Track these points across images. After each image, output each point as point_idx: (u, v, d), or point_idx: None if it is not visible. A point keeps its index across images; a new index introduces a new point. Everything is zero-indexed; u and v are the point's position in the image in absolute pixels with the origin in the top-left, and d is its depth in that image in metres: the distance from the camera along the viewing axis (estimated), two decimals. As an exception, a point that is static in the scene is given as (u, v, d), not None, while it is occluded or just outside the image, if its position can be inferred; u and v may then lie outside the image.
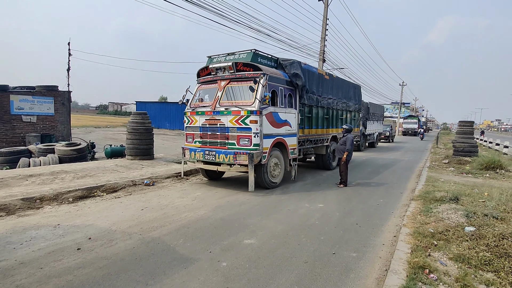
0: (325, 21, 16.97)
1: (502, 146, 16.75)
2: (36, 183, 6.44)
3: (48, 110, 13.98)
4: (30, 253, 3.56)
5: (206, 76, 7.69)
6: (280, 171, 7.58)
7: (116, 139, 17.87)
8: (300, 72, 7.89)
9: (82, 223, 4.62)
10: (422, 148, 20.92)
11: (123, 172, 8.06)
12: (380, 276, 3.26)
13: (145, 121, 10.18)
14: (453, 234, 4.03)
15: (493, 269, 3.15)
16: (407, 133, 39.88)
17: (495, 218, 4.37)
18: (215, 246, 3.90)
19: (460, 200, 5.50)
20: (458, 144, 13.04)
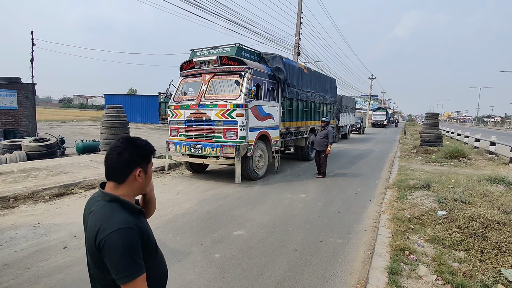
0: (299, 15, 17.16)
1: (463, 136, 17.96)
2: (7, 182, 6.09)
3: (11, 104, 13.08)
4: (13, 254, 3.42)
5: (190, 70, 7.61)
6: (264, 163, 7.74)
7: (86, 134, 17.12)
8: (282, 66, 8.02)
9: (63, 221, 4.47)
10: (391, 139, 21.95)
11: (99, 168, 7.79)
12: (365, 260, 3.49)
13: (121, 115, 9.85)
14: (428, 218, 4.35)
15: (464, 248, 3.46)
16: (376, 124, 41.58)
17: (464, 202, 4.76)
18: (205, 238, 3.95)
19: (431, 187, 5.91)
20: (425, 134, 13.84)
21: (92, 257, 1.18)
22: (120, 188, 1.23)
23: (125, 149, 1.23)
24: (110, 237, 1.09)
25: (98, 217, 1.16)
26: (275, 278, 3.04)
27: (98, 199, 1.24)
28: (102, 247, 1.10)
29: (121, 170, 1.22)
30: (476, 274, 2.88)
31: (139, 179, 1.25)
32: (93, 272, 1.23)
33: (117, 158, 1.21)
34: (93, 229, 1.13)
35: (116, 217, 1.15)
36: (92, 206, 1.23)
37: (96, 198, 1.27)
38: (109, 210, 1.17)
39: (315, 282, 3.00)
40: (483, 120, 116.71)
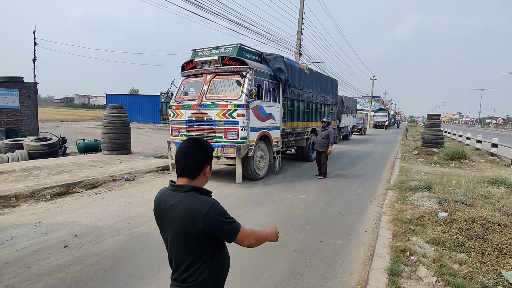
0: (301, 15, 17.16)
1: (465, 137, 17.92)
2: (9, 180, 6.11)
3: (13, 103, 13.12)
4: (14, 253, 3.43)
5: (191, 70, 7.63)
6: (265, 164, 7.75)
7: (87, 134, 17.15)
8: (283, 66, 8.03)
9: (64, 220, 4.48)
10: (392, 140, 21.92)
11: (101, 167, 7.82)
12: (365, 261, 3.48)
13: (122, 115, 9.88)
14: (428, 220, 4.35)
15: (465, 250, 3.46)
16: (377, 125, 41.53)
17: (465, 204, 4.75)
18: (206, 238, 3.95)
19: (432, 188, 5.90)
20: (426, 136, 13.81)
21: (184, 238, 1.35)
22: (193, 183, 1.43)
23: (198, 150, 1.44)
24: (210, 210, 1.31)
25: (188, 204, 1.35)
26: (275, 279, 3.04)
27: (173, 194, 1.41)
28: (207, 225, 1.30)
29: (196, 168, 1.43)
30: (476, 276, 2.87)
31: (207, 175, 1.49)
32: (182, 252, 1.38)
33: (192, 158, 1.42)
34: (190, 214, 1.32)
35: (203, 199, 1.37)
36: (170, 200, 1.40)
37: (169, 193, 1.43)
38: (193, 197, 1.37)
39: (315, 283, 3.00)
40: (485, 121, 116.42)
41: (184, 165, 1.43)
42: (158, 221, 1.48)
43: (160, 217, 1.46)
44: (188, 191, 1.39)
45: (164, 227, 1.45)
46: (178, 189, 1.41)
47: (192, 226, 1.32)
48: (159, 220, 1.47)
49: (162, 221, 1.46)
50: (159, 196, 1.48)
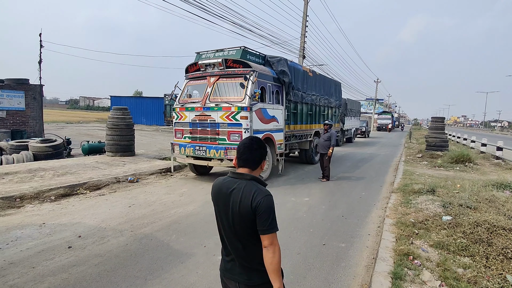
0: (305, 18, 17.20)
1: (470, 141, 17.79)
2: (14, 181, 6.17)
3: (19, 105, 13.27)
4: (18, 253, 3.46)
5: (195, 72, 7.66)
6: (268, 166, 7.74)
7: (91, 135, 17.26)
8: (287, 69, 8.05)
9: (68, 221, 4.52)
10: (396, 143, 21.82)
11: (105, 169, 7.87)
12: (368, 264, 3.47)
13: (126, 117, 9.95)
14: (432, 223, 4.32)
15: (469, 254, 3.43)
16: (381, 128, 41.35)
17: (469, 207, 4.72)
18: (208, 240, 3.96)
19: (436, 192, 5.86)
20: (430, 139, 13.73)
21: (242, 219, 1.58)
22: (252, 173, 1.69)
23: (259, 147, 1.72)
24: (265, 199, 1.55)
25: (248, 190, 1.58)
26: (277, 281, 3.04)
27: (235, 180, 1.65)
28: (257, 207, 1.53)
29: (257, 161, 1.70)
30: (481, 281, 2.85)
31: (262, 168, 1.77)
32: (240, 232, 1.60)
33: (254, 153, 1.69)
34: (248, 199, 1.56)
35: (261, 188, 1.61)
36: (232, 185, 1.64)
37: (231, 180, 1.67)
38: (253, 185, 1.61)
39: (318, 285, 2.99)
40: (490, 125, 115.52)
41: (247, 158, 1.69)
42: (217, 204, 1.71)
43: (220, 200, 1.67)
44: (250, 180, 1.64)
45: (222, 208, 1.67)
46: (240, 177, 1.66)
47: (247, 208, 1.56)
48: (218, 203, 1.69)
49: (221, 204, 1.67)
50: (220, 182, 1.72)
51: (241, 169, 1.71)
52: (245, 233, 1.61)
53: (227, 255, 1.73)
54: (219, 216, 1.70)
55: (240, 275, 1.66)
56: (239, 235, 1.62)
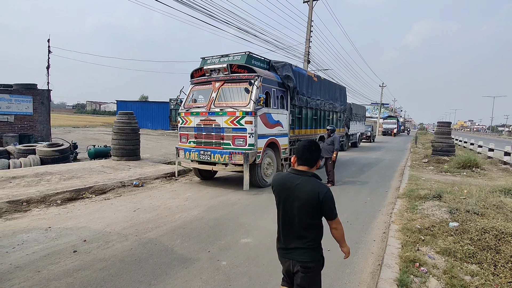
0: (309, 23, 17.25)
1: (477, 145, 17.60)
2: (21, 185, 6.24)
3: (27, 110, 13.45)
4: (24, 257, 3.48)
5: (200, 77, 7.73)
6: (273, 171, 7.75)
7: (97, 139, 17.43)
8: (291, 74, 8.08)
9: (74, 226, 4.55)
10: (402, 148, 21.66)
11: (110, 173, 7.92)
12: (374, 271, 3.43)
13: (132, 121, 10.02)
14: (439, 230, 4.27)
15: (477, 261, 3.38)
16: (386, 133, 41.11)
17: (476, 213, 4.65)
18: (213, 245, 3.96)
19: (442, 197, 5.79)
20: (436, 144, 13.61)
21: (306, 208, 1.95)
22: (311, 170, 2.05)
23: (317, 150, 2.09)
24: (328, 194, 1.94)
25: (313, 185, 1.96)
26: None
27: (297, 176, 2.02)
28: (324, 199, 1.91)
29: (314, 161, 2.07)
30: (489, 288, 2.80)
31: (318, 166, 2.15)
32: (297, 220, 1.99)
33: (313, 154, 2.06)
34: (313, 191, 1.93)
35: (323, 184, 2.00)
36: (296, 180, 2.00)
37: (293, 176, 2.04)
38: (315, 181, 2.00)
39: (323, 292, 2.96)
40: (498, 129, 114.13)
41: (307, 158, 2.05)
42: (281, 195, 2.08)
43: (285, 192, 2.04)
44: (311, 176, 2.02)
45: (286, 199, 2.04)
46: (302, 173, 2.03)
47: (314, 199, 1.92)
48: (282, 194, 2.06)
49: (285, 195, 2.04)
50: (282, 177, 2.10)
51: (301, 166, 2.07)
52: (306, 219, 1.99)
53: (284, 237, 2.10)
54: (282, 205, 2.08)
55: (294, 254, 2.04)
56: (300, 221, 1.99)
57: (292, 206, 2.00)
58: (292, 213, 2.01)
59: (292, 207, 2.00)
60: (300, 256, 2.02)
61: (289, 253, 2.07)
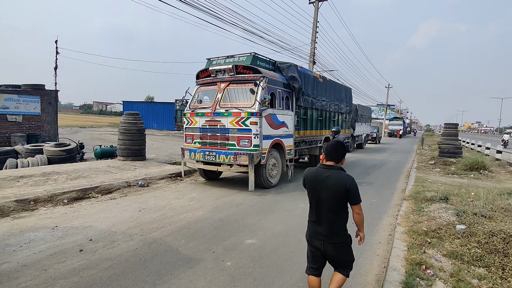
0: (315, 24, 17.22)
1: (484, 147, 17.38)
2: (29, 185, 6.31)
3: (35, 110, 13.63)
4: (31, 255, 3.52)
5: (205, 78, 7.75)
6: (278, 172, 7.74)
7: (104, 140, 17.58)
8: (297, 75, 8.07)
9: (80, 225, 4.59)
10: (408, 149, 21.48)
11: (116, 173, 7.98)
12: (379, 273, 3.40)
13: (138, 122, 10.09)
14: (446, 232, 4.22)
15: (484, 264, 3.33)
16: (392, 134, 40.81)
17: (484, 216, 4.60)
18: (217, 246, 3.96)
19: (449, 200, 5.73)
20: (443, 145, 13.48)
21: (335, 196, 2.34)
22: (337, 165, 2.45)
23: (342, 148, 2.50)
24: (352, 183, 2.33)
25: (341, 176, 2.35)
26: (286, 289, 3.01)
27: (326, 170, 2.42)
28: (349, 188, 2.31)
29: (340, 158, 2.47)
30: (496, 292, 2.76)
31: (343, 162, 2.51)
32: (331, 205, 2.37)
33: (339, 151, 2.46)
34: (341, 182, 2.32)
35: (348, 175, 2.39)
36: (325, 173, 2.40)
37: (322, 170, 2.44)
38: (341, 173, 2.39)
39: (327, 294, 2.94)
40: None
41: (333, 155, 2.46)
42: (312, 186, 2.47)
43: (316, 183, 2.44)
44: (338, 169, 2.42)
45: (318, 189, 2.43)
46: (330, 167, 2.43)
47: (342, 188, 2.32)
48: (314, 184, 2.45)
49: (316, 186, 2.43)
50: (313, 171, 2.49)
51: (329, 162, 2.47)
52: (335, 206, 2.37)
53: (316, 222, 2.48)
54: (314, 194, 2.46)
55: (325, 236, 2.42)
56: (330, 208, 2.38)
57: (323, 195, 2.39)
58: (322, 201, 2.40)
59: (323, 195, 2.40)
60: (330, 237, 2.41)
61: (321, 235, 2.45)
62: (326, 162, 2.47)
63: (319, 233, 2.45)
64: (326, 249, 2.44)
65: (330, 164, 2.45)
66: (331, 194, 2.35)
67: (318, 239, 2.46)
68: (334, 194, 2.34)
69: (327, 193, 2.36)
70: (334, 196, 2.34)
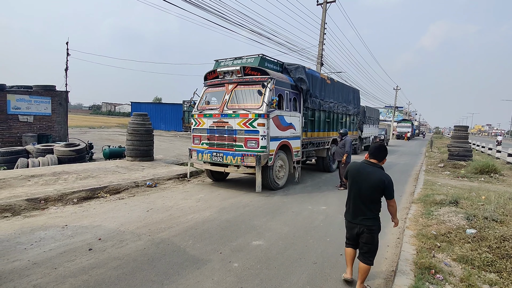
0: (323, 25, 17.17)
1: (495, 150, 17.09)
2: (39, 184, 6.42)
3: (45, 110, 13.85)
4: (41, 254, 3.58)
5: (213, 79, 7.79)
6: (285, 173, 7.72)
7: (112, 140, 17.78)
8: (304, 76, 8.05)
9: (89, 224, 4.64)
10: (416, 152, 21.23)
11: (124, 173, 8.06)
12: (388, 277, 3.37)
13: (146, 122, 10.19)
14: (455, 236, 4.15)
15: (495, 269, 3.27)
16: (400, 136, 40.38)
17: (495, 220, 4.51)
18: (224, 247, 3.97)
19: (459, 203, 5.64)
20: (453, 148, 13.29)
21: (373, 189, 2.85)
22: (379, 163, 2.96)
23: (385, 150, 3.00)
24: (390, 181, 2.85)
25: (380, 174, 2.86)
26: (293, 291, 3.00)
27: (369, 167, 2.93)
28: (387, 185, 2.82)
29: (382, 157, 2.97)
30: (508, 298, 2.71)
31: (384, 162, 3.00)
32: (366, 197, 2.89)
33: (382, 153, 2.97)
34: (381, 179, 2.83)
35: (387, 174, 2.88)
36: (368, 169, 2.92)
37: (366, 166, 2.96)
38: (382, 171, 2.89)
39: (335, 297, 2.93)
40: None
41: (377, 155, 2.98)
42: (354, 177, 3.00)
43: (358, 175, 2.96)
44: (379, 168, 2.94)
45: (359, 181, 2.94)
46: (373, 165, 2.95)
47: (379, 184, 2.84)
48: (356, 177, 2.97)
49: (358, 178, 2.96)
50: (357, 166, 3.02)
51: (372, 160, 2.97)
52: (372, 197, 2.89)
53: (354, 209, 3.00)
54: (355, 186, 2.97)
55: (362, 221, 2.95)
56: (368, 198, 2.89)
57: (363, 187, 2.89)
58: (362, 192, 2.90)
59: (363, 188, 2.89)
60: (367, 222, 2.92)
61: (358, 220, 2.95)
62: (370, 160, 2.98)
63: (355, 218, 2.99)
64: (361, 232, 2.95)
65: (373, 162, 2.95)
66: (370, 187, 2.85)
67: (355, 224, 2.99)
68: (372, 187, 2.84)
69: (367, 186, 2.86)
70: (372, 189, 2.85)
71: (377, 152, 2.95)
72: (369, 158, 2.98)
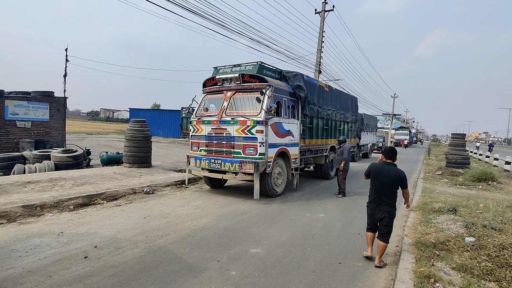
0: (321, 34, 17.33)
1: (493, 158, 17.14)
2: (35, 190, 6.36)
3: (43, 116, 13.82)
4: (36, 261, 3.52)
5: (212, 86, 7.81)
6: (283, 180, 7.70)
7: (110, 146, 17.72)
8: (303, 84, 8.10)
9: (85, 231, 4.59)
10: (414, 159, 21.27)
11: (122, 180, 8.01)
12: (387, 285, 3.34)
13: (144, 129, 10.17)
14: (454, 245, 4.13)
15: (495, 278, 3.25)
16: (398, 144, 40.48)
17: (494, 229, 4.50)
18: (222, 255, 3.93)
19: (458, 211, 5.63)
20: (451, 156, 13.32)
21: (392, 182, 3.77)
22: (393, 162, 3.92)
23: (396, 151, 4.02)
24: (404, 175, 3.82)
25: (397, 170, 3.81)
26: (291, 300, 2.96)
27: (387, 165, 3.87)
28: (402, 178, 3.78)
29: (395, 156, 3.96)
30: (508, 308, 2.68)
31: (395, 161, 3.96)
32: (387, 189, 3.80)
33: (394, 153, 3.98)
34: (398, 174, 3.77)
35: (401, 170, 3.84)
36: (387, 167, 3.85)
37: (385, 165, 3.89)
38: (397, 168, 3.85)
39: (334, 306, 2.89)
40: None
41: (391, 156, 3.93)
42: (377, 175, 3.84)
43: (380, 173, 3.82)
44: (395, 166, 3.86)
45: (381, 177, 3.80)
46: (390, 164, 3.88)
47: (397, 178, 3.76)
48: (378, 174, 3.84)
49: (380, 175, 3.81)
50: (378, 165, 3.91)
51: (388, 160, 3.91)
52: (391, 189, 3.77)
53: (377, 199, 3.87)
54: (378, 181, 3.83)
55: (384, 207, 3.82)
56: (388, 189, 3.77)
57: (385, 182, 3.77)
58: (383, 185, 3.78)
59: (385, 182, 3.77)
60: (387, 208, 3.80)
61: (381, 207, 3.82)
62: (386, 160, 3.90)
63: (378, 206, 3.83)
64: (382, 217, 3.79)
65: (389, 161, 3.89)
66: (390, 181, 3.74)
67: (377, 210, 3.84)
68: (392, 181, 3.74)
69: (387, 181, 3.75)
70: (392, 182, 3.74)
71: (391, 154, 3.92)
72: (385, 159, 3.91)
